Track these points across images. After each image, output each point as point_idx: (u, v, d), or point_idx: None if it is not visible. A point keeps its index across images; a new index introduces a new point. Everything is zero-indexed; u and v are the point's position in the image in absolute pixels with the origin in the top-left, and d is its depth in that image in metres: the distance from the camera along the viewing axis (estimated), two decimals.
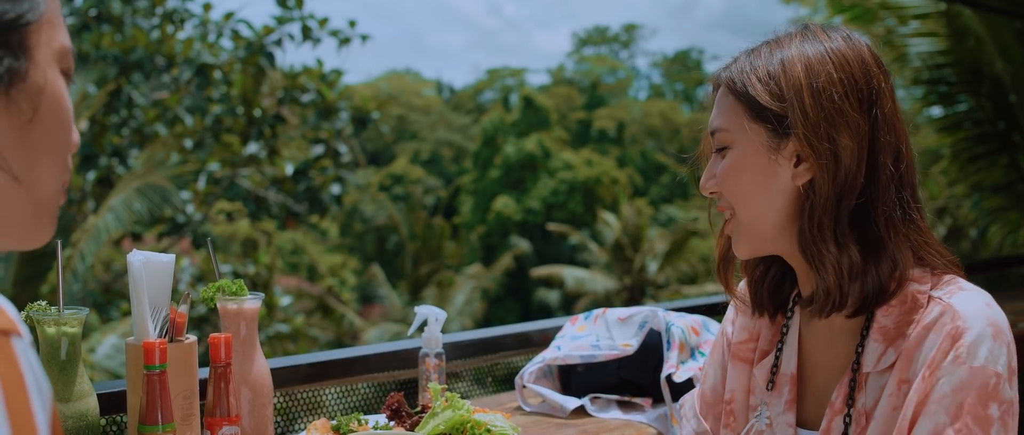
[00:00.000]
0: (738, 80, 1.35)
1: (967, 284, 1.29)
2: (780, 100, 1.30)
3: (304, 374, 1.99)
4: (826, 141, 1.27)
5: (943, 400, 1.19)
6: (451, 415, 1.64)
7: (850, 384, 1.31)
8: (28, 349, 0.66)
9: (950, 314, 1.23)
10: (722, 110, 1.37)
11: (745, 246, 1.38)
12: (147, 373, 1.44)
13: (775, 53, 1.33)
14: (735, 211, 1.37)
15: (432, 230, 20.32)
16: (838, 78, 1.29)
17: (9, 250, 0.83)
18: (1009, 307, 3.80)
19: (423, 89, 36.33)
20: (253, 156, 10.34)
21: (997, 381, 1.19)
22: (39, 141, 0.79)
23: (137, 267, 1.54)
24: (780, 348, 1.43)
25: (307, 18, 10.38)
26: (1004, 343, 1.21)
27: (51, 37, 0.81)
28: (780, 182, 1.32)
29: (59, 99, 0.81)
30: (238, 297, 1.63)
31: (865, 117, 1.29)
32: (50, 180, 0.82)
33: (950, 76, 6.98)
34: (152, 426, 1.44)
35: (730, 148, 1.35)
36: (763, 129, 1.31)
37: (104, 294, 10.35)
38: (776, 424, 1.40)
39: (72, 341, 1.50)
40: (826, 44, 1.32)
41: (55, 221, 0.84)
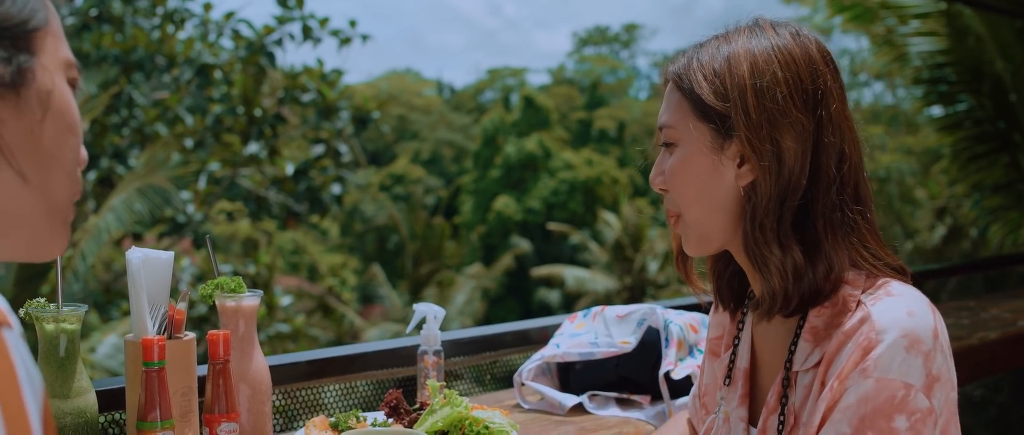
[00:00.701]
0: (684, 76, 1.33)
1: (898, 288, 1.27)
2: (724, 100, 1.28)
3: (303, 371, 1.99)
4: (769, 142, 1.26)
5: (847, 410, 1.18)
6: (449, 412, 1.65)
7: (783, 383, 1.31)
8: (19, 340, 0.66)
9: (868, 324, 1.21)
10: (669, 106, 1.36)
11: (693, 245, 1.37)
12: (146, 370, 1.45)
13: (722, 48, 1.32)
14: (681, 212, 1.36)
15: (432, 230, 20.32)
16: (783, 77, 1.27)
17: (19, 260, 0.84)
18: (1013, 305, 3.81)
19: (424, 89, 36.33)
20: (254, 156, 10.34)
21: (906, 393, 1.17)
22: (49, 144, 0.81)
23: (136, 264, 1.54)
24: (736, 344, 1.44)
25: (308, 18, 10.39)
26: (921, 353, 1.19)
27: (56, 47, 0.83)
28: (724, 183, 1.30)
29: (67, 105, 0.83)
30: (236, 294, 1.63)
31: (810, 117, 1.27)
32: (61, 186, 0.83)
33: (950, 75, 6.98)
34: (151, 423, 1.45)
35: (677, 145, 1.34)
36: (707, 129, 1.30)
37: (105, 294, 10.36)
38: (731, 419, 1.40)
39: (71, 338, 1.50)
40: (773, 41, 1.30)
41: (68, 233, 0.85)
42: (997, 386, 4.78)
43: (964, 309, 3.59)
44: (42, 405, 0.66)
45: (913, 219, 15.38)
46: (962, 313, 3.47)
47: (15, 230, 0.80)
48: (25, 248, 0.83)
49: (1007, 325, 3.16)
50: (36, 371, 0.67)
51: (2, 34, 0.77)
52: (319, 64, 10.58)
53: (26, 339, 0.71)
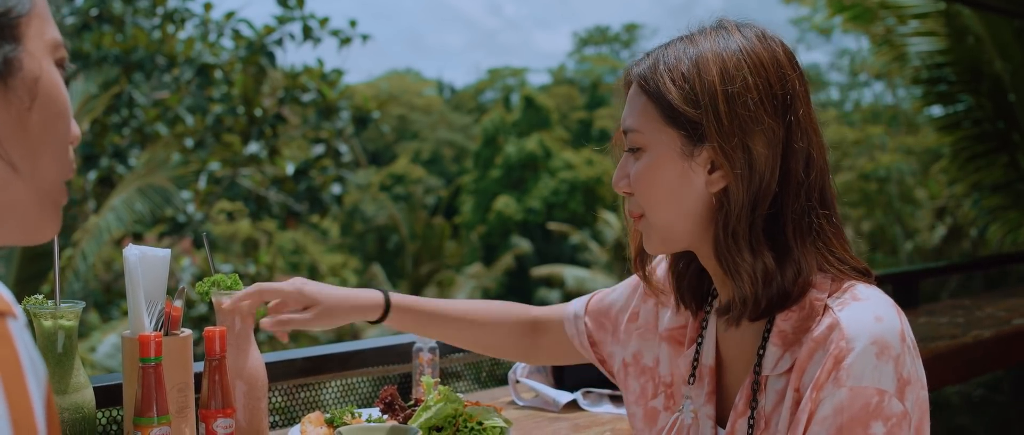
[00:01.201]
0: (650, 80, 1.31)
1: (864, 292, 1.27)
2: (695, 106, 1.26)
3: (299, 368, 2.00)
4: (741, 149, 1.25)
5: (825, 421, 1.19)
6: (444, 408, 1.66)
7: (752, 386, 1.31)
8: (23, 330, 0.67)
9: (837, 331, 1.22)
10: (634, 110, 1.33)
11: (656, 245, 1.36)
12: (142, 366, 1.46)
13: (688, 51, 1.30)
14: (646, 214, 1.34)
15: (433, 230, 20.33)
16: (753, 83, 1.26)
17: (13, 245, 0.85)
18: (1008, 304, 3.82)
19: (424, 89, 36.34)
20: (254, 156, 10.36)
21: (880, 399, 1.18)
22: (38, 130, 0.81)
23: (133, 261, 1.56)
24: (701, 341, 1.43)
25: (308, 18, 10.41)
26: (891, 358, 1.19)
27: (42, 30, 0.82)
28: (694, 189, 1.29)
29: (55, 89, 0.82)
30: (232, 292, 1.64)
31: (780, 123, 1.26)
32: (51, 171, 0.83)
33: (950, 75, 6.99)
34: (147, 418, 1.46)
35: (643, 151, 1.32)
36: (677, 134, 1.28)
37: (105, 293, 10.38)
38: (699, 416, 1.40)
39: (68, 334, 1.51)
40: (741, 43, 1.28)
41: (59, 216, 0.85)
42: (997, 385, 4.80)
43: (960, 308, 3.60)
44: (46, 394, 0.67)
45: (913, 219, 15.39)
46: (957, 312, 3.49)
47: (6, 218, 0.81)
48: (18, 233, 0.83)
49: (1002, 323, 3.17)
50: (40, 360, 0.67)
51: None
52: (319, 64, 10.59)
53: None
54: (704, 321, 1.43)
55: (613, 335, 1.57)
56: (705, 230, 1.31)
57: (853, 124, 22.61)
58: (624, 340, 1.54)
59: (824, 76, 29.55)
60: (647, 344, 1.51)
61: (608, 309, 1.60)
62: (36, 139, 0.81)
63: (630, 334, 1.54)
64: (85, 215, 9.57)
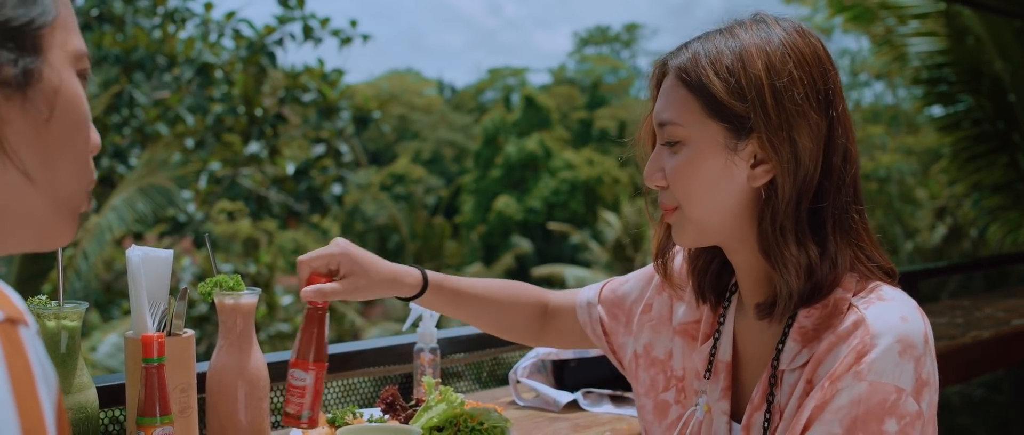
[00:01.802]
0: (692, 72, 1.28)
1: (890, 293, 1.27)
2: (741, 99, 1.25)
3: None
4: (787, 143, 1.24)
5: (839, 411, 1.19)
6: (444, 408, 1.67)
7: (769, 380, 1.31)
8: (35, 338, 0.67)
9: (863, 327, 1.22)
10: (673, 102, 1.30)
11: (689, 237, 1.34)
12: (145, 366, 1.47)
13: (730, 44, 1.28)
14: (682, 207, 1.32)
15: (433, 230, 20.33)
16: (799, 77, 1.25)
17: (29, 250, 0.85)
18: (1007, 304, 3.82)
19: (424, 89, 36.34)
20: (254, 156, 10.36)
21: (897, 397, 1.18)
22: (56, 141, 0.81)
23: (136, 262, 1.56)
24: (718, 336, 1.42)
25: (308, 18, 10.41)
26: (912, 358, 1.20)
27: (65, 40, 0.82)
28: (735, 182, 1.28)
29: (75, 100, 0.82)
30: (235, 292, 1.65)
31: (823, 117, 1.26)
32: (69, 180, 0.83)
33: (950, 75, 7.00)
34: (150, 418, 1.47)
35: (683, 144, 1.30)
36: (721, 128, 1.27)
37: (106, 293, 10.38)
38: (714, 411, 1.40)
39: (72, 334, 1.52)
40: (784, 38, 1.28)
41: (76, 223, 0.85)
42: (997, 385, 4.80)
43: (958, 308, 3.61)
44: (57, 403, 0.67)
45: (913, 219, 15.39)
46: (957, 312, 3.49)
47: (21, 228, 0.81)
48: (33, 241, 0.83)
49: (1001, 324, 3.17)
50: (51, 369, 0.68)
51: (8, 35, 0.77)
52: (320, 64, 10.60)
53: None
54: (722, 316, 1.43)
55: (626, 326, 1.56)
56: (745, 224, 1.30)
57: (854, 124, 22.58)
58: (636, 331, 1.54)
59: None
60: (659, 337, 1.50)
61: (622, 300, 1.59)
62: (54, 150, 0.81)
63: (643, 326, 1.53)
64: (86, 215, 9.57)
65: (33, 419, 0.64)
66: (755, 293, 1.35)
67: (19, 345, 0.65)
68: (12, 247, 0.82)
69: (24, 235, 0.82)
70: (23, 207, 0.80)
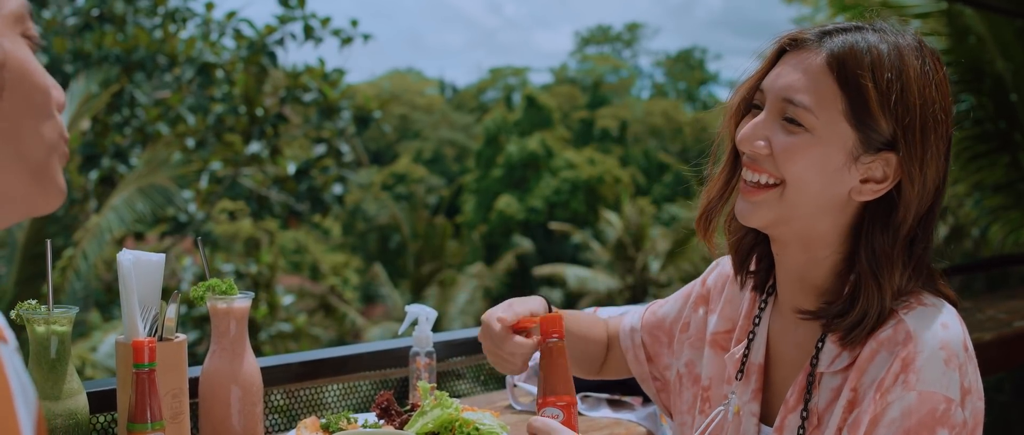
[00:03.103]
0: (849, 68, 1.23)
1: (930, 298, 1.27)
2: (894, 120, 1.22)
3: (295, 372, 2.00)
4: (920, 176, 1.24)
5: (892, 424, 1.19)
6: (440, 414, 1.65)
7: (807, 381, 1.30)
8: (13, 354, 0.66)
9: (904, 335, 1.22)
10: (814, 87, 1.24)
11: (767, 217, 1.29)
12: (136, 372, 1.45)
13: (890, 54, 1.23)
14: (788, 186, 1.26)
15: (434, 229, 20.33)
16: (943, 119, 1.25)
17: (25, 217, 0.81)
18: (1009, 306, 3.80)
19: (425, 88, 36.35)
20: (255, 155, 10.36)
21: (947, 406, 1.18)
22: (12, 116, 0.77)
23: (127, 267, 1.55)
24: (752, 337, 1.41)
25: (309, 17, 10.41)
26: (956, 366, 1.20)
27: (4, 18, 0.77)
28: (841, 187, 1.26)
29: (23, 69, 0.77)
30: (227, 296, 1.64)
31: (945, 157, 1.27)
32: (37, 147, 0.79)
33: (951, 75, 6.92)
34: (141, 424, 1.45)
35: (806, 130, 1.24)
36: (854, 134, 1.23)
37: (106, 293, 10.38)
38: (743, 413, 1.39)
39: (62, 339, 1.51)
40: (937, 73, 1.25)
41: (60, 180, 0.82)
42: (999, 385, 4.78)
43: (961, 310, 3.59)
44: (36, 419, 0.66)
45: None
46: None
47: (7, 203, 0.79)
48: (23, 211, 0.81)
49: (1002, 326, 3.16)
50: (30, 385, 0.66)
51: None
52: (321, 63, 10.60)
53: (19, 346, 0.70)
54: (757, 317, 1.42)
55: (668, 347, 1.57)
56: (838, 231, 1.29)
57: None
58: (677, 351, 1.54)
59: None
60: (697, 353, 1.51)
61: (662, 321, 1.59)
62: (12, 124, 0.77)
63: (682, 344, 1.54)
64: (86, 214, 9.57)
65: None
66: (797, 294, 1.34)
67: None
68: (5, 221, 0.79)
69: (12, 209, 0.79)
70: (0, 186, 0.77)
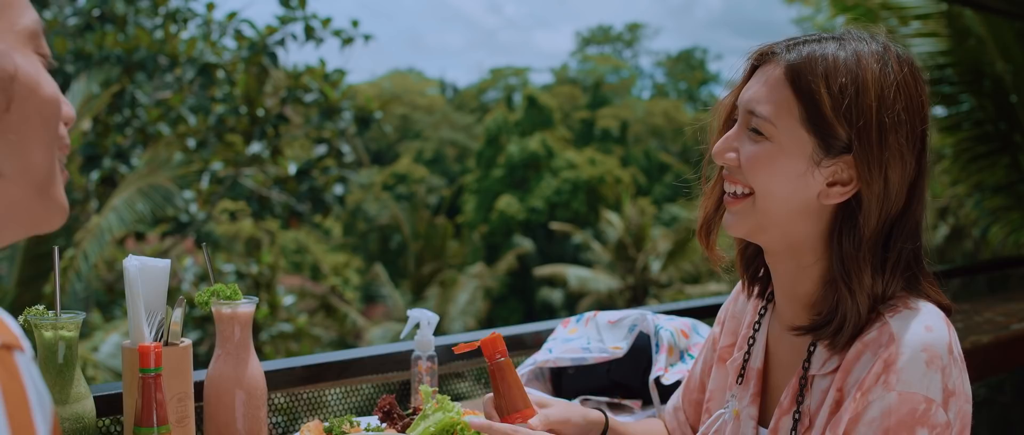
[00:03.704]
0: (804, 77, 1.27)
1: (917, 303, 1.28)
2: (847, 122, 1.25)
3: (299, 376, 2.01)
4: (881, 178, 1.25)
5: (871, 423, 1.21)
6: (441, 417, 1.67)
7: (799, 383, 1.33)
8: (30, 363, 0.67)
9: (887, 337, 1.24)
10: (773, 97, 1.29)
11: (747, 227, 1.34)
12: (142, 376, 1.47)
13: (846, 62, 1.27)
14: (756, 194, 1.31)
15: (435, 229, 20.35)
16: (905, 119, 1.26)
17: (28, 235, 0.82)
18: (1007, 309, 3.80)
19: (426, 88, 36.36)
20: (256, 156, 10.37)
21: (927, 407, 1.20)
22: (21, 129, 0.77)
23: (133, 272, 1.57)
24: (752, 342, 1.45)
25: (310, 18, 10.41)
26: (939, 368, 1.21)
27: (13, 21, 0.78)
28: (808, 191, 1.29)
29: (34, 83, 0.78)
30: (232, 301, 1.65)
31: (914, 159, 1.28)
32: (42, 161, 0.79)
33: (951, 76, 6.98)
34: (147, 428, 1.47)
35: (768, 140, 1.29)
36: (812, 140, 1.27)
37: (107, 293, 10.39)
38: (742, 416, 1.43)
39: (69, 345, 1.52)
40: (897, 73, 1.27)
41: (62, 199, 0.82)
42: (999, 386, 4.79)
43: (958, 312, 3.60)
44: (52, 427, 0.67)
45: None
46: (956, 316, 3.48)
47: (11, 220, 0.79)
48: (26, 229, 0.81)
49: (1000, 329, 3.17)
50: (46, 393, 0.67)
51: None
52: (322, 64, 10.60)
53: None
54: (757, 325, 1.46)
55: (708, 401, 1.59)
56: (813, 237, 1.31)
57: None
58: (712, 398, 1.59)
59: None
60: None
61: (695, 382, 1.63)
62: (20, 139, 0.77)
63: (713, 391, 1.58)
64: (87, 215, 9.57)
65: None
66: (791, 307, 1.37)
67: (14, 371, 0.65)
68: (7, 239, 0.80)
69: (16, 226, 0.79)
70: (4, 201, 0.77)
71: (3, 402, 0.63)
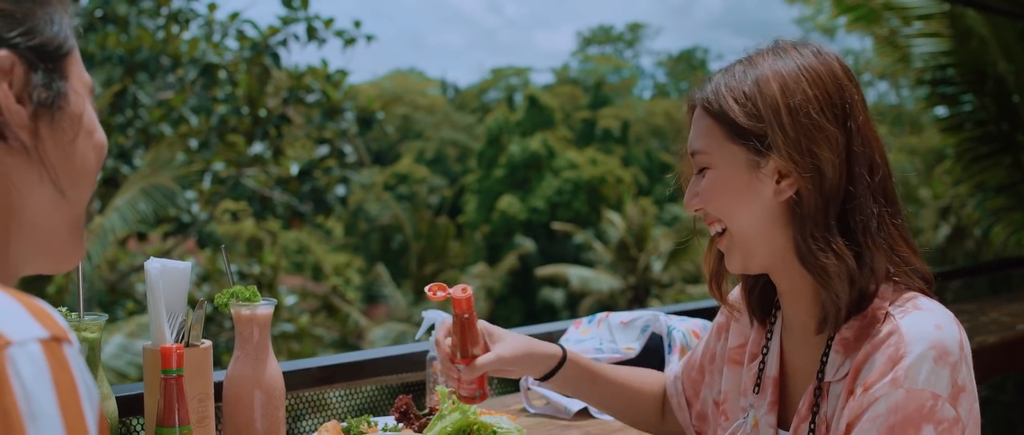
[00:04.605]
0: (714, 101, 1.37)
1: (925, 303, 1.31)
2: (758, 120, 1.32)
3: (314, 377, 2.03)
4: (808, 156, 1.30)
5: (877, 419, 1.22)
6: (458, 417, 1.68)
7: (815, 392, 1.35)
8: (78, 355, 0.69)
9: (897, 335, 1.25)
10: (700, 131, 1.39)
11: (737, 260, 1.41)
12: (164, 377, 1.49)
13: (749, 72, 1.36)
14: (725, 224, 1.40)
15: (437, 229, 20.35)
16: (813, 94, 1.32)
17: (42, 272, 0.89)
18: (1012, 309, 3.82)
19: (428, 88, 36.36)
20: (258, 156, 10.38)
21: (934, 403, 1.21)
22: (80, 161, 0.86)
23: (154, 275, 1.58)
24: (766, 351, 1.48)
25: (312, 18, 10.42)
26: (948, 365, 1.22)
27: (81, 72, 0.88)
28: (762, 198, 1.34)
29: (94, 125, 0.88)
30: (251, 303, 1.67)
31: (841, 130, 1.32)
32: (85, 199, 0.88)
33: (953, 76, 6.99)
34: (169, 428, 1.49)
35: (710, 168, 1.38)
36: (742, 149, 1.34)
37: (110, 294, 10.39)
38: (761, 425, 1.45)
39: (92, 346, 1.54)
40: (798, 61, 1.35)
41: (84, 241, 0.90)
42: (1002, 385, 4.81)
43: (964, 313, 3.61)
44: (99, 419, 0.70)
45: (917, 219, 15.38)
46: (962, 317, 3.48)
47: (45, 247, 0.85)
48: (50, 263, 0.87)
49: (1006, 329, 3.18)
50: (94, 386, 0.70)
51: (44, 57, 0.82)
52: (323, 64, 10.61)
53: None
54: (768, 334, 1.49)
55: (706, 383, 1.64)
56: (778, 239, 1.36)
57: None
58: (709, 382, 1.62)
59: None
60: (723, 377, 1.58)
61: (697, 362, 1.68)
62: (78, 170, 0.86)
63: (713, 374, 1.61)
64: (89, 215, 9.58)
65: (78, 431, 0.66)
66: (798, 312, 1.41)
67: (64, 362, 0.67)
68: (31, 268, 0.86)
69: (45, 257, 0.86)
70: (49, 223, 0.84)
71: (55, 392, 0.66)
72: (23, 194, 0.81)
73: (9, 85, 0.80)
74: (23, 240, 0.83)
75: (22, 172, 0.81)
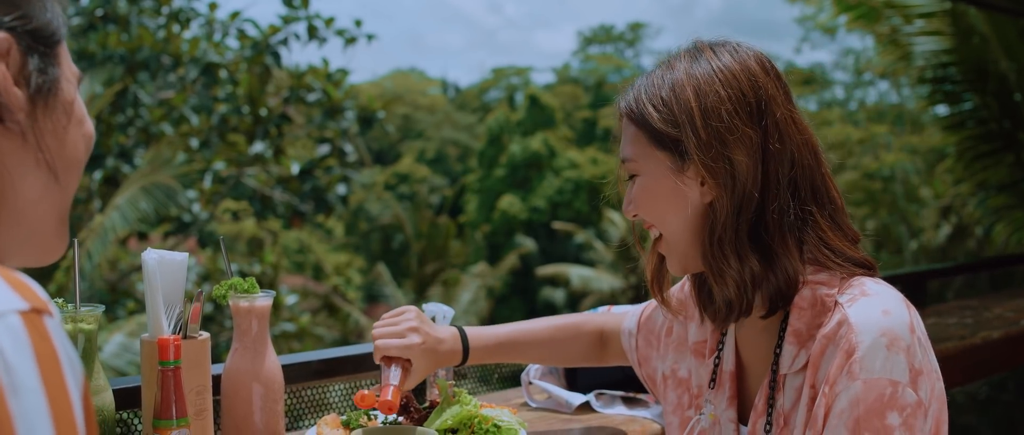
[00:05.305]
0: (636, 109, 1.39)
1: (872, 287, 1.30)
2: (674, 126, 1.33)
3: (314, 370, 2.02)
4: (722, 160, 1.30)
5: (842, 415, 1.22)
6: (459, 410, 1.67)
7: (770, 385, 1.35)
8: (58, 327, 0.69)
9: (846, 326, 1.25)
10: (628, 139, 1.41)
11: (676, 263, 1.43)
12: (162, 369, 1.47)
13: (666, 77, 1.37)
14: (661, 231, 1.42)
15: (437, 229, 20.33)
16: (726, 95, 1.32)
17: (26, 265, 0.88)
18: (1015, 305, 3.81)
19: (428, 88, 36.35)
20: (259, 155, 10.37)
21: (894, 390, 1.20)
22: (71, 149, 0.86)
23: (152, 265, 1.57)
24: (721, 346, 1.49)
25: (313, 18, 10.41)
26: (901, 350, 1.22)
27: (69, 61, 0.88)
28: (690, 203, 1.36)
29: (84, 114, 0.89)
30: (250, 295, 1.66)
31: (756, 129, 1.32)
32: (73, 188, 0.88)
33: (955, 75, 6.99)
34: (166, 421, 1.47)
35: (639, 175, 1.40)
36: (664, 155, 1.36)
37: (111, 293, 10.39)
38: (721, 421, 1.45)
39: (88, 337, 1.53)
40: (713, 62, 1.35)
41: (68, 233, 0.90)
42: (1002, 384, 4.80)
43: (967, 308, 3.60)
44: (83, 389, 0.69)
45: (918, 218, 15.38)
46: (966, 312, 3.49)
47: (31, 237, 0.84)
48: (35, 253, 0.86)
49: (1010, 324, 3.17)
50: (76, 357, 0.70)
51: (40, 41, 0.82)
52: (324, 64, 10.60)
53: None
54: (723, 330, 1.50)
55: (657, 350, 1.65)
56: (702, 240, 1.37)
57: (858, 123, 22.61)
58: (663, 354, 1.62)
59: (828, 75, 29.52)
60: (681, 357, 1.58)
61: (653, 324, 1.69)
62: (70, 157, 0.86)
63: (668, 347, 1.62)
64: (90, 214, 9.58)
65: (62, 405, 0.65)
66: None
67: (45, 334, 0.67)
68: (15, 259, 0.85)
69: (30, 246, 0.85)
70: (38, 211, 0.84)
71: (37, 364, 0.65)
72: (15, 179, 0.81)
73: (7, 67, 0.79)
74: (11, 228, 0.82)
75: (17, 155, 0.81)
